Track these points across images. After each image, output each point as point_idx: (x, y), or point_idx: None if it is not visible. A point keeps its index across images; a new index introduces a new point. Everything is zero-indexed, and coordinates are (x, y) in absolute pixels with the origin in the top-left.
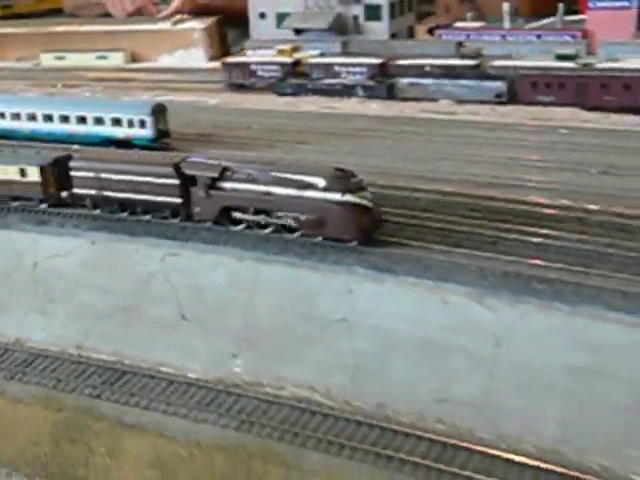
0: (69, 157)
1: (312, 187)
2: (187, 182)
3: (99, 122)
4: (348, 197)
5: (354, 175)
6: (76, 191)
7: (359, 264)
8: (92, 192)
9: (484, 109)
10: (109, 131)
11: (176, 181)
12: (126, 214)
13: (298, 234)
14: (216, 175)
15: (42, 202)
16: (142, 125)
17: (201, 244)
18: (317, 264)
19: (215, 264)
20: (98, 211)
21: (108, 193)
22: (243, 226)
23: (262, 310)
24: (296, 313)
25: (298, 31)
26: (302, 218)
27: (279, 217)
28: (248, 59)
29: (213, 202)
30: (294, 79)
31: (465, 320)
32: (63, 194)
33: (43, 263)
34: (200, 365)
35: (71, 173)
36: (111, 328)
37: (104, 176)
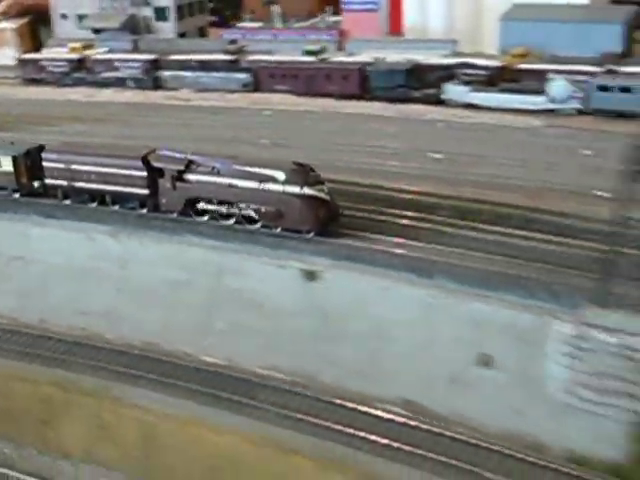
0: (41, 148)
1: (272, 180)
2: (155, 174)
3: None
4: (306, 190)
5: (312, 170)
6: (48, 181)
7: (36, 214)
8: (63, 183)
9: (220, 96)
10: None
11: (144, 173)
12: (95, 204)
13: (258, 225)
14: (182, 168)
15: (15, 192)
16: None
17: None
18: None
19: None
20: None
21: (79, 184)
22: (207, 217)
23: None
24: None
25: (97, 31)
26: (262, 210)
27: (241, 208)
28: (39, 56)
29: (179, 193)
30: (77, 73)
31: (102, 251)
32: (35, 184)
33: None
34: None
35: (43, 164)
36: None
37: (75, 167)
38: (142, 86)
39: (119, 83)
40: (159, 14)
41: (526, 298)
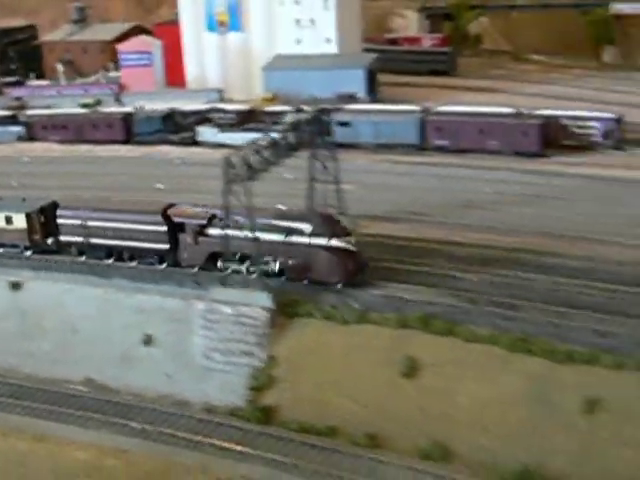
0: (55, 205)
1: (299, 232)
2: (175, 229)
3: None
4: (334, 242)
5: (339, 221)
6: (63, 238)
7: None
8: (79, 239)
9: None
10: None
11: (164, 228)
12: (111, 260)
13: (283, 278)
14: (204, 222)
15: (27, 249)
16: None
17: None
18: None
19: None
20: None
21: (95, 240)
22: (229, 271)
23: None
24: None
25: None
26: (289, 263)
27: (266, 263)
28: None
29: (201, 248)
30: None
31: None
32: (49, 241)
33: None
34: None
35: (58, 221)
36: None
37: (92, 224)
38: None
39: None
40: None
41: (177, 287)
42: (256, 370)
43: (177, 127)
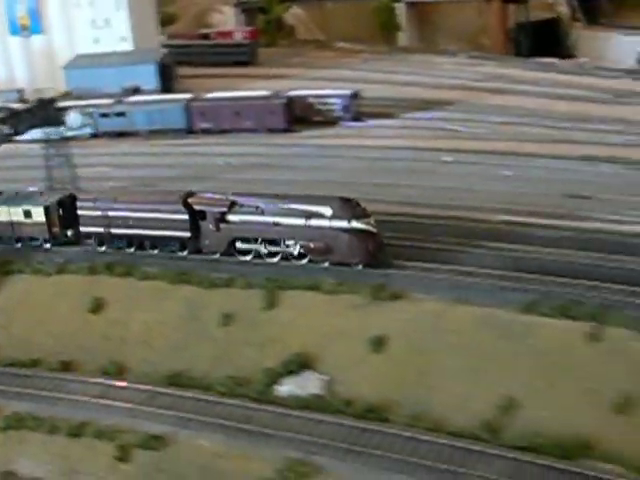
0: (73, 197)
1: (319, 216)
2: (196, 216)
3: None
4: (354, 223)
5: (358, 204)
6: (83, 229)
7: None
8: (99, 230)
9: None
10: None
11: (185, 216)
12: (132, 250)
13: (306, 260)
14: (225, 209)
15: (46, 242)
16: None
17: None
18: None
19: None
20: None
21: (116, 230)
22: (251, 255)
23: None
24: None
25: None
26: (311, 245)
27: (287, 246)
28: None
29: (222, 234)
30: None
31: None
32: (68, 233)
33: None
34: None
35: (78, 212)
36: None
37: (112, 214)
38: None
39: None
40: None
41: None
42: None
43: None
